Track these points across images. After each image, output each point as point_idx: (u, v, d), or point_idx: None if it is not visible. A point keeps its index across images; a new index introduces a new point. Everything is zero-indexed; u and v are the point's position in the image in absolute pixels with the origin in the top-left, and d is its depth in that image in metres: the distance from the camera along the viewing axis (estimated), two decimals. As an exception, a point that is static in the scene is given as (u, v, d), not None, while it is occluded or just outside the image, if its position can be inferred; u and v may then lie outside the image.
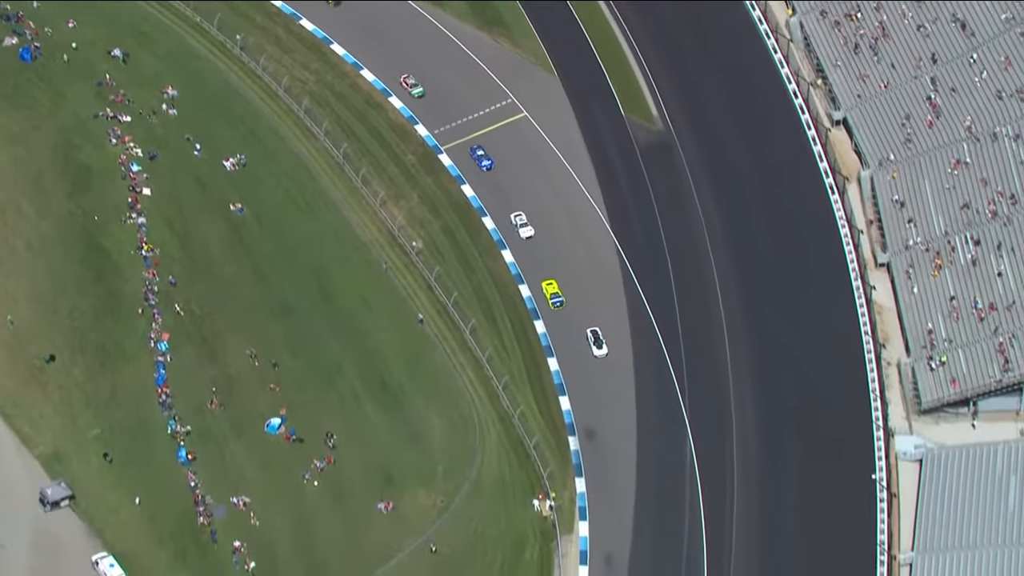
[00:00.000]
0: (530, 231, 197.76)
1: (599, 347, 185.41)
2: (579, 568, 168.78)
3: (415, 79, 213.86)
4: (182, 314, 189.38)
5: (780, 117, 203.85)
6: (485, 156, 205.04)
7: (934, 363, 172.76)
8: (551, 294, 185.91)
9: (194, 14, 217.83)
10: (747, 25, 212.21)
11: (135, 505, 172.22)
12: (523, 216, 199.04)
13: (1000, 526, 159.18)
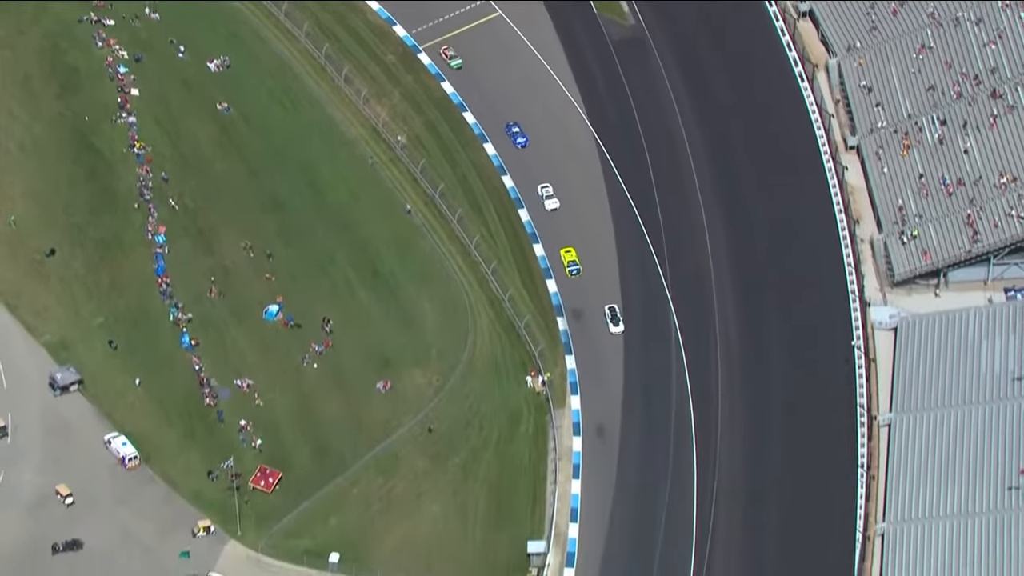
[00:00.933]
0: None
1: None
2: (573, 439, 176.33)
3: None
4: (176, 208, 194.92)
5: (748, 10, 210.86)
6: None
7: (906, 237, 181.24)
8: (568, 262, 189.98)
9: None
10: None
11: (138, 387, 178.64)
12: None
13: (972, 386, 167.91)
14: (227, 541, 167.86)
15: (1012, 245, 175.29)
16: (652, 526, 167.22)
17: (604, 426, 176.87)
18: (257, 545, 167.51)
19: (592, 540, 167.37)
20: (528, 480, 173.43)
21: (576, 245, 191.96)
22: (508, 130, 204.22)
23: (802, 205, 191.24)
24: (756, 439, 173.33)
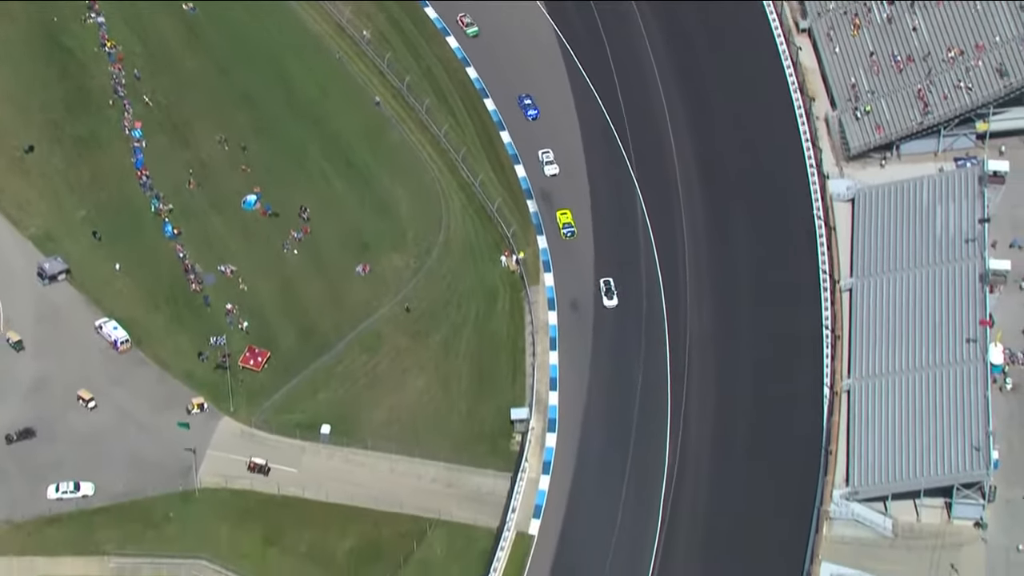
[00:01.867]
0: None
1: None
2: (548, 313, 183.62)
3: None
4: (151, 104, 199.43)
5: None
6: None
7: (859, 113, 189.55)
8: (564, 223, 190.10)
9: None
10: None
11: (121, 273, 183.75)
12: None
13: (927, 249, 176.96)
14: (220, 418, 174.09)
15: (961, 116, 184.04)
16: (629, 389, 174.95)
17: (578, 300, 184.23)
18: (250, 420, 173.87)
19: (572, 406, 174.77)
20: (507, 353, 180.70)
21: (552, 147, 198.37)
22: (460, 21, 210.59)
23: (759, 86, 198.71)
24: (724, 308, 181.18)
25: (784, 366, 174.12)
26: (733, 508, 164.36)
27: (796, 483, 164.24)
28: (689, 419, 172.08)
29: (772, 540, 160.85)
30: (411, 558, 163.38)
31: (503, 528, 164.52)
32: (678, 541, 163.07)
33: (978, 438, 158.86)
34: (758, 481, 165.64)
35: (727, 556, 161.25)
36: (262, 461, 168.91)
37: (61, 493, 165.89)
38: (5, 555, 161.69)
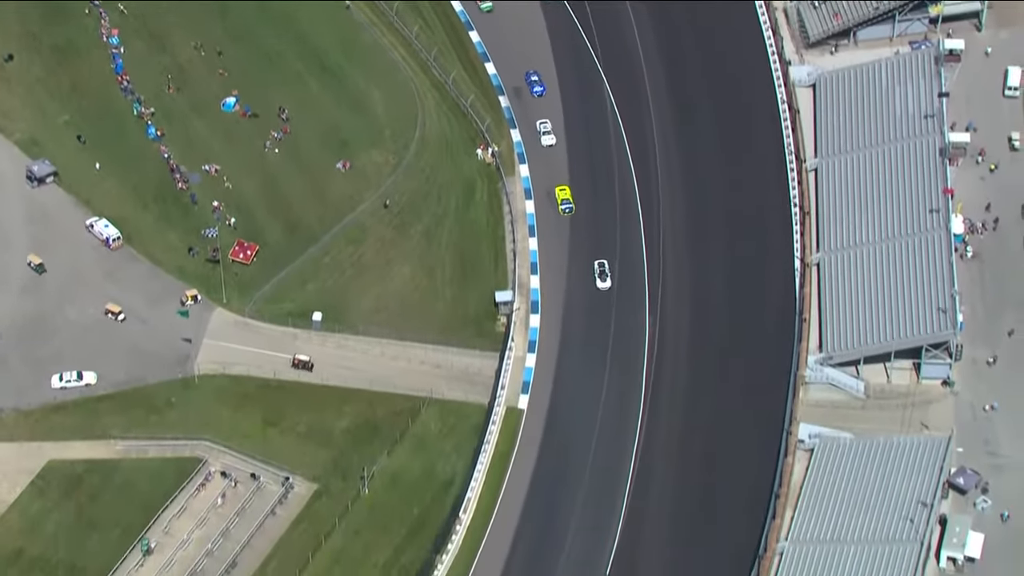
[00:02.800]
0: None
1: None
2: (525, 202, 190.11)
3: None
4: (126, 12, 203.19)
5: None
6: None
7: (817, 2, 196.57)
8: (562, 199, 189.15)
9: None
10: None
11: (106, 173, 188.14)
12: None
13: (888, 127, 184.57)
14: (214, 309, 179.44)
15: (915, 0, 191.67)
16: (608, 269, 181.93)
17: (552, 192, 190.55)
18: (243, 311, 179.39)
19: (553, 288, 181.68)
20: (488, 241, 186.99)
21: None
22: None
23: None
24: (696, 193, 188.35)
25: (756, 243, 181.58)
26: (712, 378, 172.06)
27: (772, 352, 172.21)
28: (666, 296, 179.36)
29: (752, 407, 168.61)
30: (406, 434, 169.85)
31: (493, 404, 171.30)
32: (661, 411, 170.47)
33: (944, 300, 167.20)
34: (736, 352, 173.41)
35: (709, 423, 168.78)
36: (306, 357, 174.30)
37: (65, 382, 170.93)
38: (16, 441, 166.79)
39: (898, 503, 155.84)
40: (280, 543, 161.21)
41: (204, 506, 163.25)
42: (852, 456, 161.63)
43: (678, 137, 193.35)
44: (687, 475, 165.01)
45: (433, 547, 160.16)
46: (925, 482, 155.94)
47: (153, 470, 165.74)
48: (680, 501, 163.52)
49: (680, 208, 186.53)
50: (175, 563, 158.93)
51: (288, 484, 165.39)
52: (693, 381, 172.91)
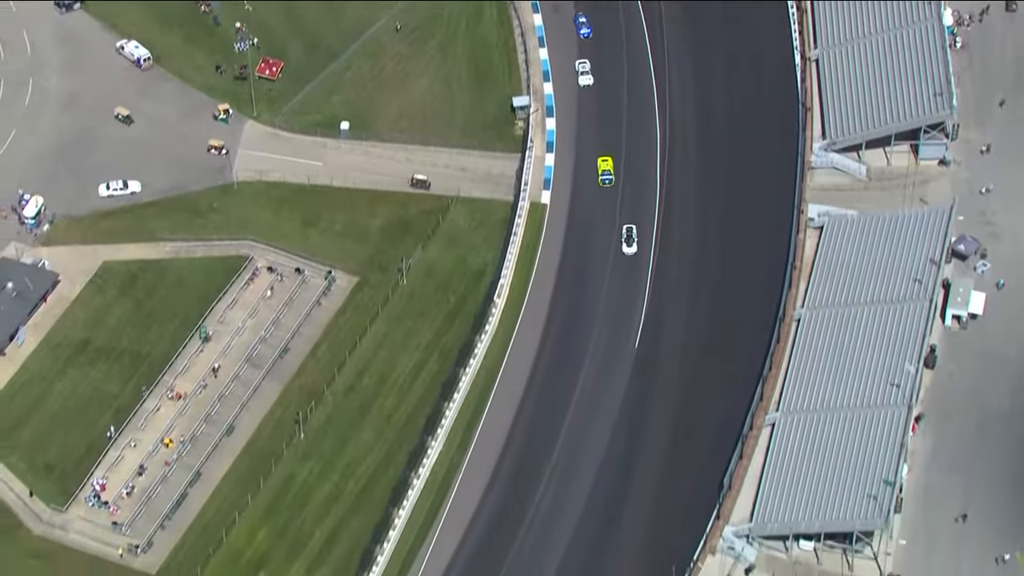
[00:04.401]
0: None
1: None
2: (534, 16, 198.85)
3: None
4: None
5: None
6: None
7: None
8: (603, 170, 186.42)
9: None
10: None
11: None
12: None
13: None
14: (246, 121, 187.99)
15: None
16: (617, 75, 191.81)
17: (559, 4, 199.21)
18: (273, 123, 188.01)
19: (566, 96, 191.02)
20: (500, 52, 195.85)
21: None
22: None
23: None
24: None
25: (755, 38, 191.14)
26: (723, 162, 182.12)
27: (780, 139, 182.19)
28: (673, 89, 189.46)
29: (764, 189, 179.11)
30: (437, 230, 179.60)
31: (518, 200, 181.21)
32: (675, 194, 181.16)
33: (940, 83, 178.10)
34: (745, 143, 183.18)
35: (723, 207, 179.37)
36: (423, 176, 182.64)
37: (111, 191, 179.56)
38: (70, 244, 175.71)
39: (906, 267, 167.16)
40: (328, 330, 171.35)
41: (254, 298, 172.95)
42: (860, 230, 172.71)
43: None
44: (706, 248, 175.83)
45: (471, 329, 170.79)
46: (931, 246, 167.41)
47: (203, 268, 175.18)
48: (700, 274, 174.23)
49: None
50: (232, 348, 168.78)
51: (331, 277, 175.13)
52: (703, 163, 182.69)
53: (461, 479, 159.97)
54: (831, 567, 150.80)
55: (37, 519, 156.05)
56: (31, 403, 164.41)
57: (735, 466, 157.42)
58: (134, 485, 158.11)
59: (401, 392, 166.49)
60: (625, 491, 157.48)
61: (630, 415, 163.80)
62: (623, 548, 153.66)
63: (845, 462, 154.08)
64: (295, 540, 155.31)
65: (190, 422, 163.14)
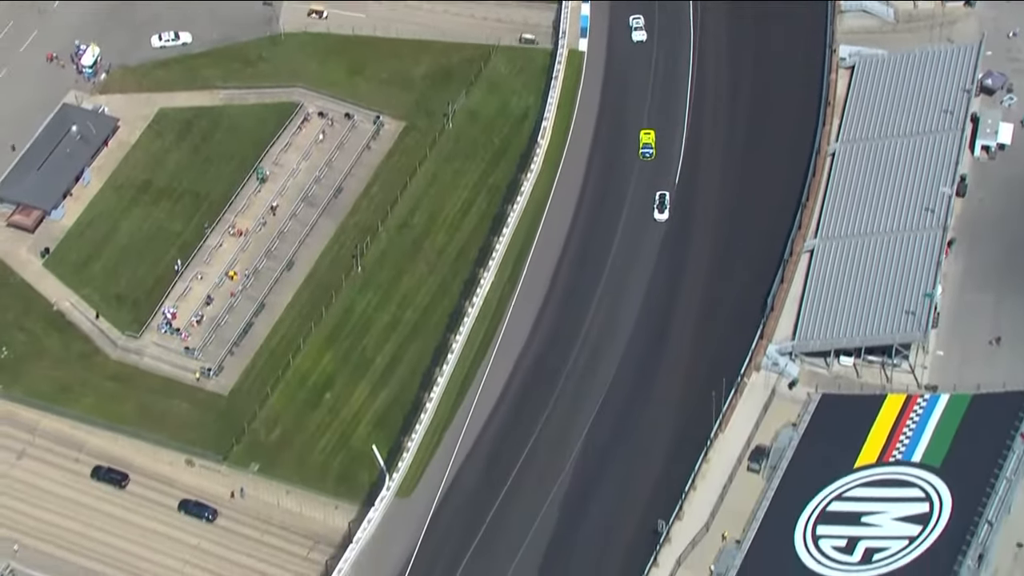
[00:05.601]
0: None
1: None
2: None
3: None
4: None
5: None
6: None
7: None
8: (644, 144, 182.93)
9: None
10: None
11: None
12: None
13: None
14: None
15: None
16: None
17: None
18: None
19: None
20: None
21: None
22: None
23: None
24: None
25: None
26: (756, 8, 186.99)
27: None
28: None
29: (797, 31, 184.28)
30: (480, 77, 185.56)
31: (557, 47, 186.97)
32: (708, 40, 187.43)
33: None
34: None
35: (758, 47, 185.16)
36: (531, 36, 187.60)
37: (164, 42, 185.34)
38: (126, 93, 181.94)
39: (937, 100, 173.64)
40: (378, 171, 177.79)
41: (307, 142, 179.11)
42: (891, 67, 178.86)
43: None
44: (740, 88, 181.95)
45: (516, 169, 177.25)
46: (961, 78, 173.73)
47: (256, 114, 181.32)
48: (736, 111, 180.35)
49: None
50: (288, 189, 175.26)
51: (379, 122, 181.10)
52: (735, 9, 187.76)
53: (513, 307, 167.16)
54: (870, 380, 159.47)
55: (113, 345, 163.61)
56: (100, 239, 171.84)
57: (777, 289, 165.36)
58: (203, 314, 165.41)
59: (452, 228, 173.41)
60: (671, 313, 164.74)
61: (673, 244, 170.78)
62: (673, 366, 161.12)
63: (883, 282, 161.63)
64: (358, 364, 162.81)
65: (252, 257, 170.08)
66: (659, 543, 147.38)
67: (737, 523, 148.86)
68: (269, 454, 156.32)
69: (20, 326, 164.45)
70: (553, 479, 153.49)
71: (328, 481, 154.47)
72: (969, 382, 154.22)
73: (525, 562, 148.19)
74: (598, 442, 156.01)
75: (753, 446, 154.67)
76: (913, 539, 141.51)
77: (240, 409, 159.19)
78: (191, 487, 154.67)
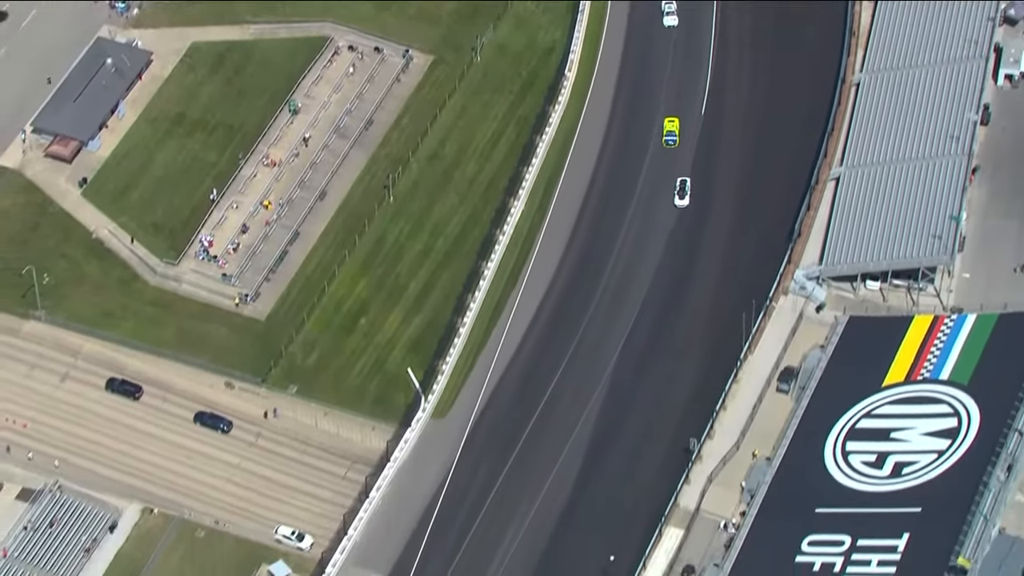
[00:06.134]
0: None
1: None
2: None
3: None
4: None
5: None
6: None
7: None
8: (667, 131, 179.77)
9: None
10: None
11: None
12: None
13: None
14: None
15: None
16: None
17: None
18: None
19: None
20: None
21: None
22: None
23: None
24: None
25: None
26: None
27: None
28: None
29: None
30: (506, 13, 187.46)
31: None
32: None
33: None
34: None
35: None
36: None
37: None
38: (158, 27, 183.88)
39: (962, 29, 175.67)
40: (408, 103, 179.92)
41: (337, 75, 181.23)
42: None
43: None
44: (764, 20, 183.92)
45: (544, 100, 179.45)
46: (984, 8, 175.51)
47: (287, 48, 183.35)
48: (760, 45, 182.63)
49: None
50: (320, 121, 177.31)
51: (408, 56, 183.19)
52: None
53: (543, 234, 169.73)
54: (896, 304, 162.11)
55: (152, 272, 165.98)
56: (136, 170, 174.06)
57: (803, 216, 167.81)
58: (239, 242, 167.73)
59: (481, 159, 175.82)
60: (700, 238, 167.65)
61: (701, 172, 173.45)
62: (702, 290, 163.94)
63: (909, 207, 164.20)
64: (392, 290, 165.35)
65: (285, 187, 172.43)
66: (691, 461, 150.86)
67: (767, 442, 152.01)
68: (307, 377, 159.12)
69: (61, 253, 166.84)
70: (586, 400, 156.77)
71: (365, 403, 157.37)
72: (995, 303, 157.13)
73: (560, 478, 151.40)
74: (629, 364, 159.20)
75: (782, 368, 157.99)
76: (942, 453, 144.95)
77: (277, 333, 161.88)
78: (230, 408, 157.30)
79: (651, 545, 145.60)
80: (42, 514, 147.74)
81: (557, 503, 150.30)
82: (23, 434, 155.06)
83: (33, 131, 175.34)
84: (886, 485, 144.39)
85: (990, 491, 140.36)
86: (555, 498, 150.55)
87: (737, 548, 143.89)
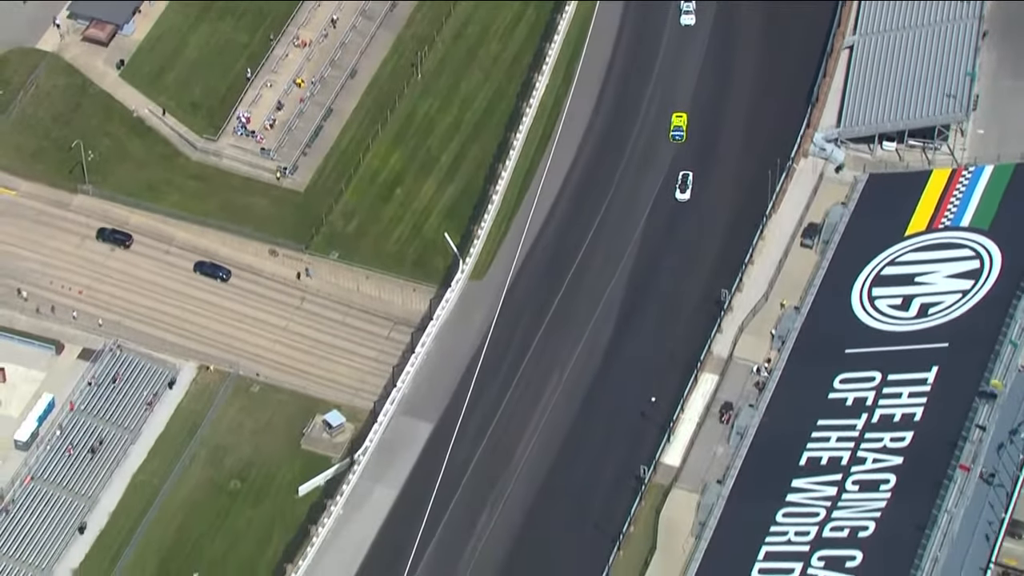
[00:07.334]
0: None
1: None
2: None
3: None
4: None
5: None
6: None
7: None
8: (675, 126, 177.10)
9: None
10: None
11: None
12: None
13: None
14: None
15: None
16: None
17: None
18: None
19: None
20: None
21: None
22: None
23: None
24: None
25: None
26: None
27: None
28: None
29: None
30: None
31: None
32: None
33: None
34: None
35: None
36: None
37: None
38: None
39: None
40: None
41: None
42: None
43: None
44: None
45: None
46: None
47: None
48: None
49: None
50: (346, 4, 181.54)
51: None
52: None
53: (568, 106, 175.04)
54: (913, 161, 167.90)
55: (192, 148, 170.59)
56: (171, 52, 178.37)
57: (820, 82, 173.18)
58: (275, 118, 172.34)
59: (504, 38, 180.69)
60: (721, 108, 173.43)
61: (719, 49, 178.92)
62: (726, 152, 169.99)
63: (923, 69, 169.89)
64: (425, 162, 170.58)
65: (317, 66, 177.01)
66: (722, 312, 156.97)
67: (795, 292, 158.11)
68: (347, 243, 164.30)
69: (104, 131, 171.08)
70: (618, 258, 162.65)
71: (404, 267, 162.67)
72: (1011, 155, 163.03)
73: (597, 330, 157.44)
74: (659, 222, 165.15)
75: (806, 224, 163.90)
76: (966, 292, 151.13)
77: (317, 204, 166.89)
78: (274, 274, 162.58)
79: (688, 388, 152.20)
80: (104, 371, 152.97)
81: (596, 353, 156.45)
82: (79, 300, 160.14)
83: (69, 16, 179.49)
84: (913, 325, 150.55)
85: (1015, 322, 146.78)
86: (593, 349, 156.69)
87: (771, 389, 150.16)
